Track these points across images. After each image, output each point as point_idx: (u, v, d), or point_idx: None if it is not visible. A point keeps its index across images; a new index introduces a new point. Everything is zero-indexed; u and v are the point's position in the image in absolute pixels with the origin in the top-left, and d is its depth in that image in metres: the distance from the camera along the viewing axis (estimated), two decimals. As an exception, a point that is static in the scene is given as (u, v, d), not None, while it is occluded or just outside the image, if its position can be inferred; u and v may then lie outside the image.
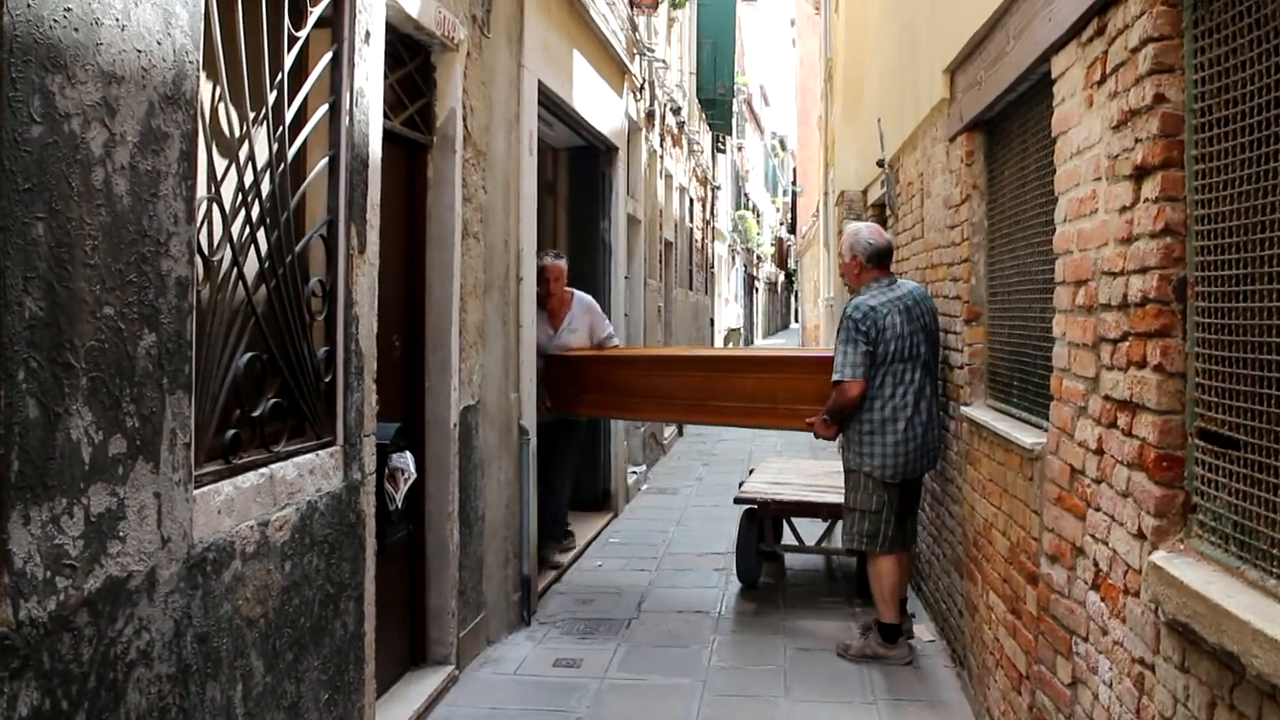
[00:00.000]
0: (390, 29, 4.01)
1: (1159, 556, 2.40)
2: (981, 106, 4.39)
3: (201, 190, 2.70)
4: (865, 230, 5.49)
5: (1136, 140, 2.58)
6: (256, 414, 3.06)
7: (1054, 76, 3.31)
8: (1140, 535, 2.54)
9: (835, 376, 5.19)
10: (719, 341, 27.51)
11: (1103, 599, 2.81)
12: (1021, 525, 3.70)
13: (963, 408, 4.80)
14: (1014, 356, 4.23)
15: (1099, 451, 2.87)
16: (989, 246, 4.69)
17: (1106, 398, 2.80)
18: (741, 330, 30.44)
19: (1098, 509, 2.87)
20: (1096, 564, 2.87)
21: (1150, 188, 2.52)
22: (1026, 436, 3.64)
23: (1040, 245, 3.71)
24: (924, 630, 5.70)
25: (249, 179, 2.99)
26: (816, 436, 5.51)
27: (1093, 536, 2.91)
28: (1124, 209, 2.68)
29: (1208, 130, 2.33)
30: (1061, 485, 3.21)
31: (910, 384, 5.18)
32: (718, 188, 21.60)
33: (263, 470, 3.02)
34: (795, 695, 4.83)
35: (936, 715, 4.60)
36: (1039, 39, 3.42)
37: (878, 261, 5.37)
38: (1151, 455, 2.49)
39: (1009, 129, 4.32)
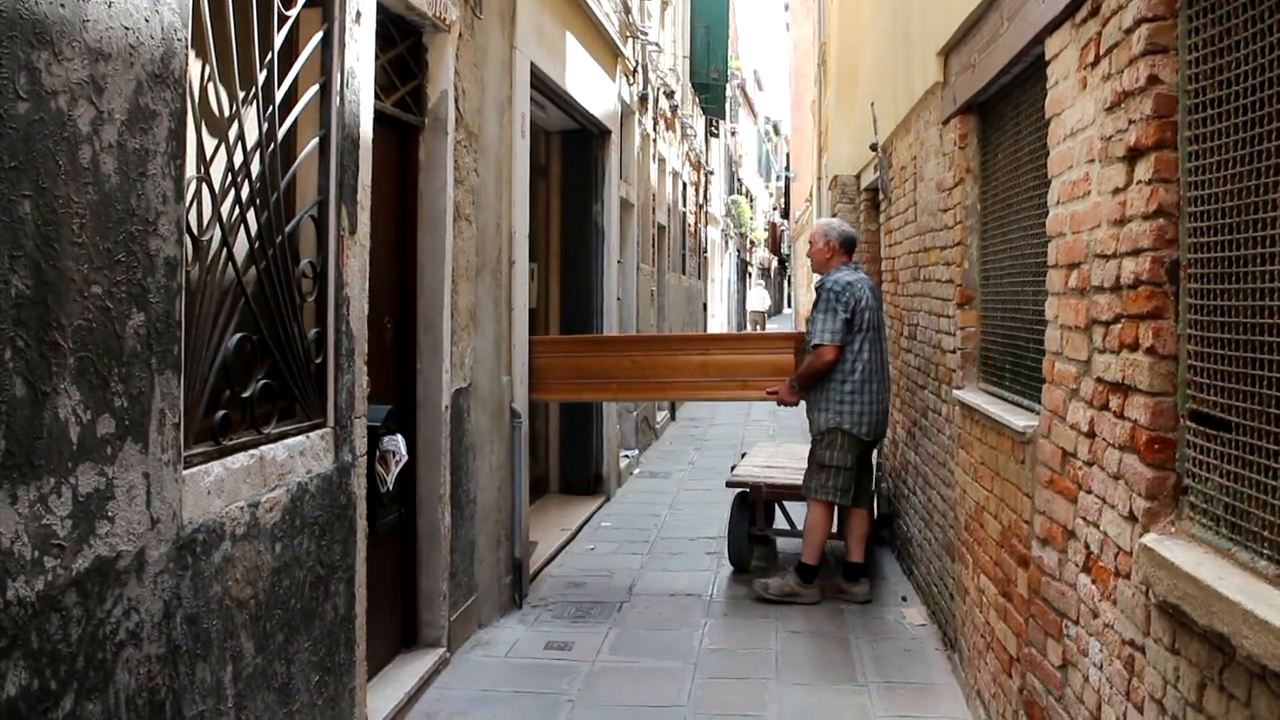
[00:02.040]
0: (381, 9, 3.98)
1: (1150, 539, 2.40)
2: (975, 89, 4.37)
3: (190, 169, 2.68)
4: (837, 221, 6.20)
5: (1130, 122, 2.58)
6: (246, 395, 3.05)
7: (1048, 58, 3.30)
8: (1131, 517, 2.55)
9: (815, 341, 5.75)
10: (737, 326, 28.10)
11: (1093, 581, 2.82)
12: (1013, 508, 3.71)
13: (955, 391, 4.80)
14: (1006, 340, 4.23)
15: (1090, 434, 2.87)
16: (982, 230, 4.69)
17: (1098, 380, 2.80)
18: (767, 313, 30.93)
19: (1089, 491, 2.87)
20: (1087, 546, 2.87)
21: (1143, 169, 2.51)
22: (1018, 419, 3.64)
23: (1033, 228, 3.70)
24: (915, 614, 5.72)
25: (239, 159, 2.97)
26: (780, 403, 6.04)
27: (1084, 519, 2.91)
28: (1117, 191, 2.67)
29: (1201, 111, 2.32)
30: (1053, 468, 3.21)
31: (881, 353, 5.86)
32: (711, 172, 21.54)
33: (253, 451, 3.01)
34: (786, 678, 4.84)
35: (927, 698, 4.61)
36: (1033, 20, 3.40)
37: (847, 248, 6.02)
38: (1143, 437, 2.48)
39: (1002, 112, 4.31)
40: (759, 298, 32.40)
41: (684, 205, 16.53)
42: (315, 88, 3.45)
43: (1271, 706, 1.85)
